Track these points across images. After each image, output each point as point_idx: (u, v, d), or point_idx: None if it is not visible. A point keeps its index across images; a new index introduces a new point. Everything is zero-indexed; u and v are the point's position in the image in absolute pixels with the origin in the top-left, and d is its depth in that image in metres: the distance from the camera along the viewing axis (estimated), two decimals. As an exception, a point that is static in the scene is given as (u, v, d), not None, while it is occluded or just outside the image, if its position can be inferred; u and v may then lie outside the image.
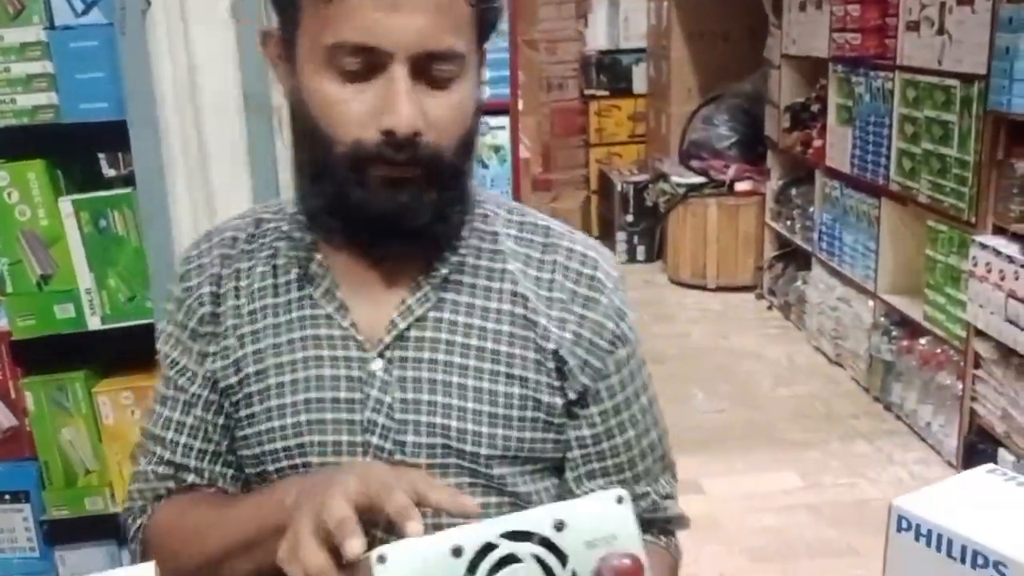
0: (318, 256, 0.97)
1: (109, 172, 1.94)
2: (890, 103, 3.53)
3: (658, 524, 1.03)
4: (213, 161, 1.89)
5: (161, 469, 1.02)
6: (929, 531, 0.63)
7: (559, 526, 0.63)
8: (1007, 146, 2.84)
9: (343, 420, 0.95)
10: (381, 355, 0.95)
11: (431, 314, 0.95)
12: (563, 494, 1.00)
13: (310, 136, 0.89)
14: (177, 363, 1.01)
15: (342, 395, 0.95)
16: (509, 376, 0.95)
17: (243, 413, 0.98)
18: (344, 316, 0.95)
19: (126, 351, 1.96)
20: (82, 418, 1.97)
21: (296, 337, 0.96)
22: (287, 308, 0.97)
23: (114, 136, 1.81)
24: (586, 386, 0.97)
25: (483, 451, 0.94)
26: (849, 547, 2.72)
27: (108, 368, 2.02)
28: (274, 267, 0.99)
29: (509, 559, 0.62)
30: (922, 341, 3.39)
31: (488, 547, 0.62)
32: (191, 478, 1.01)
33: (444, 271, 0.96)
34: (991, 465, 0.71)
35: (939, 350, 3.27)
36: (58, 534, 2.03)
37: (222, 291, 0.99)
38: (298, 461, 0.96)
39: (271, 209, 1.04)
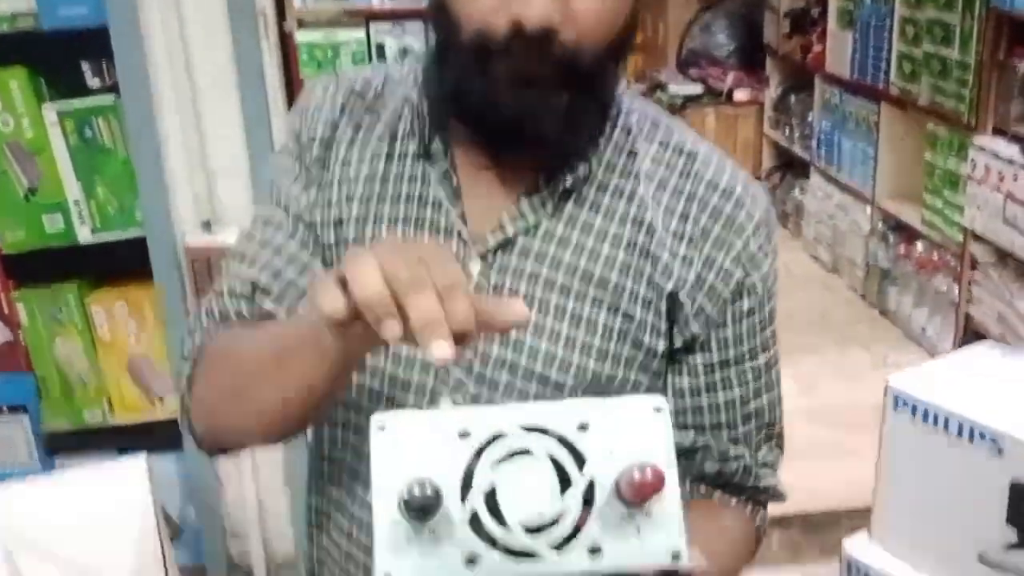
0: (443, 133, 0.87)
1: (93, 82, 1.90)
2: (891, 4, 3.45)
3: (748, 491, 0.92)
4: (199, 68, 1.85)
5: (239, 287, 0.91)
6: (926, 409, 0.63)
7: (583, 426, 0.56)
8: (1009, 47, 2.79)
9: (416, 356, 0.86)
10: (483, 257, 0.86)
11: (544, 225, 0.86)
12: None
13: (439, 13, 0.81)
14: (279, 188, 0.92)
15: None
16: (613, 308, 0.86)
17: None
18: (455, 206, 0.87)
19: (119, 264, 1.95)
20: (76, 330, 1.97)
21: (401, 215, 0.88)
22: (398, 180, 0.89)
23: (97, 44, 1.77)
24: (695, 334, 0.88)
25: (569, 381, 0.85)
26: (843, 448, 2.75)
27: (101, 282, 2.01)
28: (393, 134, 0.90)
29: (521, 452, 0.56)
30: (919, 246, 3.38)
31: (500, 436, 0.56)
32: (268, 303, 0.89)
33: (568, 182, 0.85)
34: (991, 341, 0.70)
35: (936, 255, 3.27)
36: (57, 446, 2.05)
37: (337, 138, 0.91)
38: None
39: (403, 71, 0.94)
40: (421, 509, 0.52)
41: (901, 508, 0.66)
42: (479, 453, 0.55)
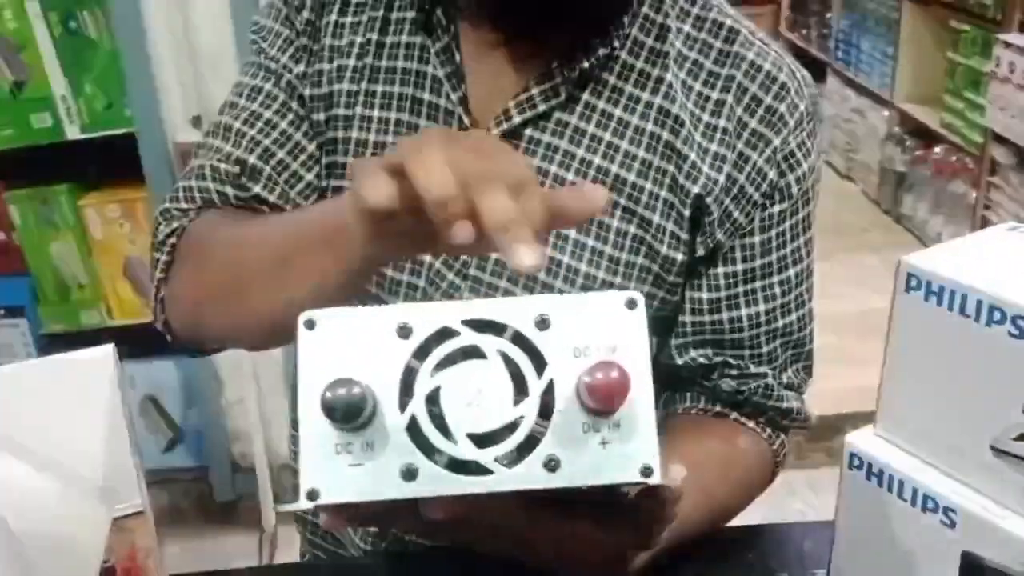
0: (445, 3, 0.78)
1: (78, -28, 1.82)
2: None
3: (768, 413, 0.83)
4: (186, -46, 1.77)
5: (224, 166, 0.80)
6: (941, 287, 0.58)
7: (542, 323, 0.48)
8: (1039, -64, 2.66)
9: (427, 264, 0.78)
10: None
11: (556, 114, 0.77)
12: (661, 359, 0.83)
13: None
14: (266, 54, 0.82)
15: None
16: (628, 212, 0.77)
17: (324, 162, 0.82)
18: (456, 87, 0.77)
19: (109, 164, 1.91)
20: (71, 232, 1.94)
21: (396, 92, 0.79)
22: (394, 52, 0.79)
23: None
24: (719, 242, 0.78)
25: (573, 292, 0.78)
26: (852, 355, 2.71)
27: (93, 183, 1.97)
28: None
29: (469, 352, 0.48)
30: (937, 150, 3.31)
31: (445, 332, 0.48)
32: (256, 188, 0.80)
33: (586, 64, 0.75)
34: (1013, 223, 0.65)
35: (954, 158, 3.19)
36: (56, 350, 2.02)
37: (327, 2, 0.81)
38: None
39: None
40: (346, 412, 0.45)
41: (910, 398, 0.62)
42: (421, 352, 0.48)
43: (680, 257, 0.78)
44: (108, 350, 0.73)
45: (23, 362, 0.76)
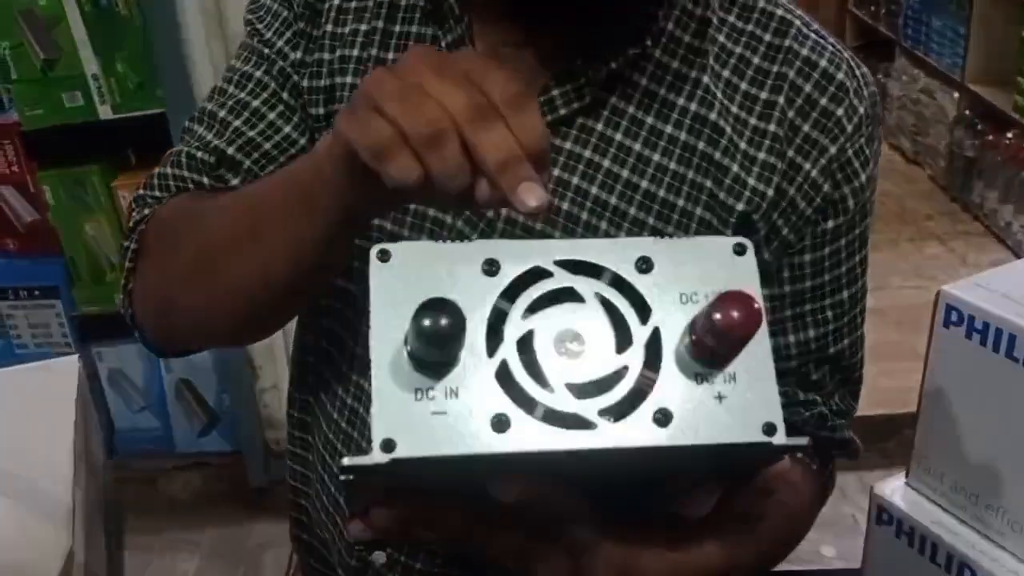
0: None
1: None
2: None
3: (818, 443, 0.75)
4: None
5: (201, 155, 0.74)
6: (985, 324, 0.50)
7: (644, 266, 0.44)
8: None
9: (429, 217, 0.71)
10: None
11: (579, 119, 0.68)
12: None
13: None
14: (261, 35, 0.75)
15: None
16: (657, 233, 0.68)
17: None
18: None
19: (142, 144, 1.89)
20: (103, 212, 1.92)
21: None
22: (401, 44, 0.72)
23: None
24: (766, 263, 0.70)
25: None
26: (912, 351, 2.60)
27: (126, 163, 1.94)
28: None
29: (563, 294, 0.43)
30: (1009, 135, 3.16)
31: (536, 273, 0.43)
32: (235, 181, 0.73)
33: (614, 64, 0.67)
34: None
35: (1028, 144, 3.04)
36: (91, 330, 2.02)
37: None
38: (368, 245, 0.74)
39: None
40: (436, 340, 0.40)
41: (948, 447, 0.54)
42: (510, 292, 0.43)
43: None
44: (72, 361, 0.69)
45: None
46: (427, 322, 0.39)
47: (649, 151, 0.68)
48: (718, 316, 0.40)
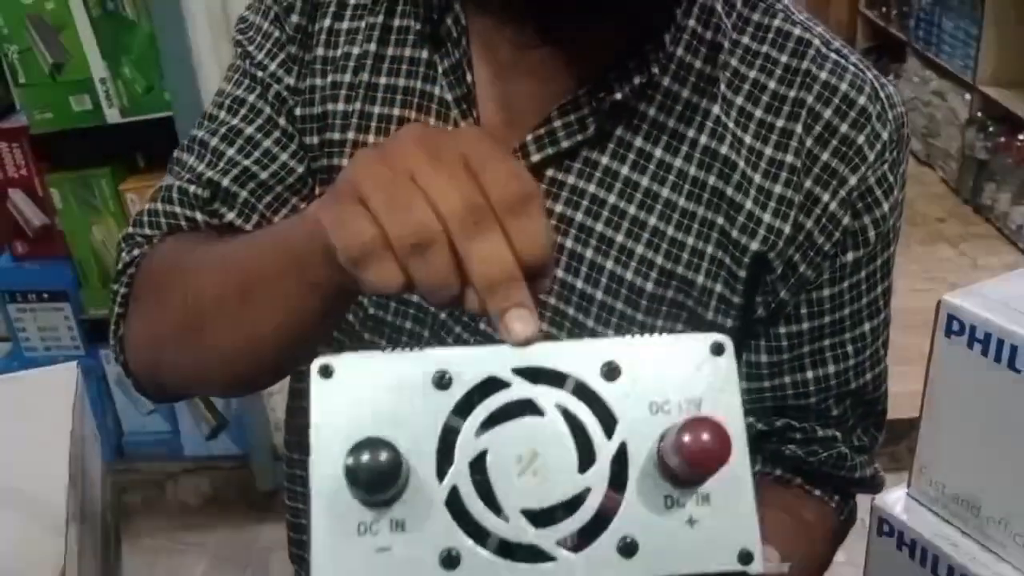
0: (456, 11, 0.66)
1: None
2: None
3: (836, 481, 0.72)
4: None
5: (193, 188, 0.70)
6: (987, 335, 0.49)
7: (610, 372, 0.39)
8: None
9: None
10: None
11: (584, 153, 0.65)
12: None
13: None
14: (252, 57, 0.71)
15: None
16: (665, 273, 0.65)
17: (317, 192, 0.72)
18: (466, 113, 0.66)
19: (149, 147, 1.89)
20: (111, 217, 1.92)
21: (395, 115, 0.68)
22: (394, 68, 0.68)
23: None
24: (783, 301, 0.67)
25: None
26: (922, 355, 2.58)
27: (134, 166, 1.95)
28: (391, 3, 0.69)
29: (522, 408, 0.39)
30: (1021, 137, 3.14)
31: (492, 383, 0.39)
32: (230, 215, 0.69)
33: (619, 94, 0.63)
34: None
35: (1040, 147, 3.01)
36: (99, 333, 2.03)
37: (320, 4, 0.70)
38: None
39: None
40: (374, 481, 0.36)
41: (950, 458, 0.53)
42: (463, 408, 0.39)
43: (730, 323, 0.66)
44: (71, 368, 0.69)
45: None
46: (361, 468, 0.36)
47: (657, 186, 0.65)
48: (687, 443, 0.37)
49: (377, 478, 0.36)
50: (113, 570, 0.71)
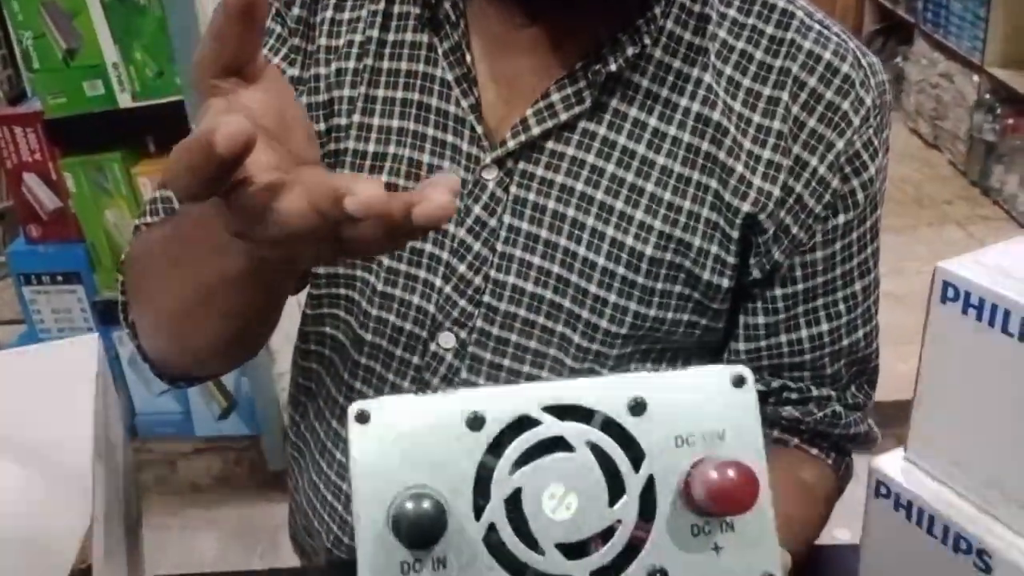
0: None
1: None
2: None
3: (833, 439, 0.76)
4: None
5: None
6: (981, 300, 0.51)
7: (637, 407, 0.42)
8: None
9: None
10: (500, 163, 0.69)
11: (581, 125, 0.68)
12: None
13: None
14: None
15: None
16: (664, 236, 0.68)
17: None
18: (467, 92, 0.69)
19: (160, 131, 1.91)
20: (123, 200, 1.94)
21: (399, 97, 0.71)
22: (396, 52, 0.71)
23: None
24: (777, 263, 0.70)
25: (603, 323, 0.69)
26: (929, 336, 2.60)
27: (145, 150, 1.97)
28: None
29: (552, 445, 0.41)
30: (1029, 119, 3.12)
31: (523, 422, 0.41)
32: None
33: (613, 65, 0.66)
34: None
35: (1048, 128, 3.01)
36: (111, 315, 2.05)
37: None
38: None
39: None
40: (418, 531, 0.39)
41: (946, 422, 0.55)
42: (496, 447, 0.41)
43: (725, 283, 0.69)
44: (93, 339, 0.71)
45: (6, 351, 0.74)
46: (405, 520, 0.39)
47: (653, 153, 0.68)
48: (714, 483, 0.39)
49: (422, 530, 0.39)
50: (136, 534, 0.73)
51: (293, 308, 0.91)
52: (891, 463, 0.57)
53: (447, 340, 0.72)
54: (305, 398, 0.83)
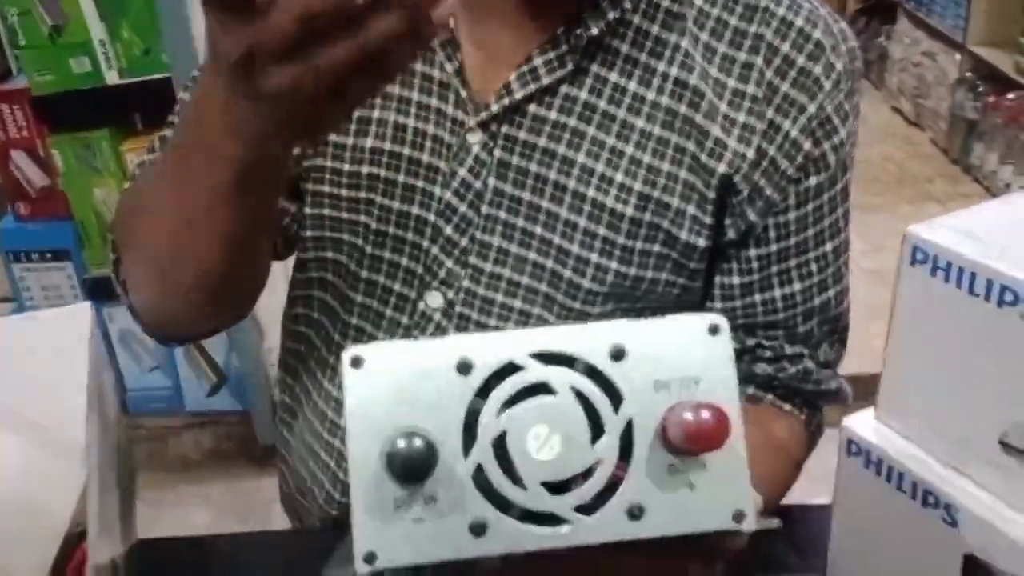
0: None
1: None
2: None
3: (805, 395, 0.78)
4: None
5: (170, 133, 0.76)
6: (948, 263, 0.53)
7: (617, 353, 0.44)
8: None
9: (417, 190, 0.73)
10: (484, 127, 0.71)
11: (563, 89, 0.70)
12: None
13: None
14: None
15: (424, 158, 0.72)
16: (644, 198, 0.70)
17: None
18: (451, 57, 0.71)
19: (147, 108, 1.90)
20: (112, 177, 1.94)
21: None
22: None
23: None
24: (752, 223, 0.72)
25: (585, 283, 0.72)
26: (910, 311, 2.63)
27: (133, 127, 1.97)
28: None
29: (537, 389, 0.43)
30: (1010, 96, 3.15)
31: (509, 368, 0.43)
32: None
33: (595, 30, 0.68)
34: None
35: (1028, 106, 3.03)
36: (101, 292, 2.05)
37: None
38: (360, 218, 0.75)
39: None
40: (410, 468, 0.41)
41: (914, 382, 0.57)
42: (484, 391, 0.43)
43: (702, 243, 0.72)
44: (85, 307, 0.72)
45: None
46: (398, 457, 0.41)
47: (633, 117, 0.70)
48: (689, 423, 0.41)
49: (414, 465, 0.41)
50: (130, 500, 0.74)
51: (280, 281, 0.93)
52: (862, 422, 0.60)
53: (435, 300, 0.74)
54: (296, 361, 0.85)
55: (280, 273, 1.18)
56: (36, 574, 0.57)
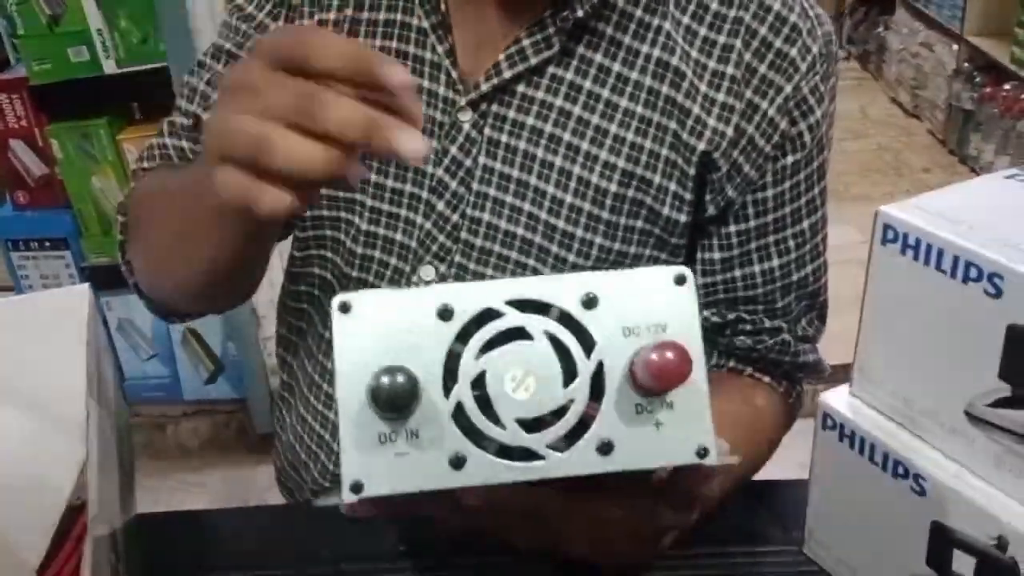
0: None
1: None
2: None
3: (784, 367, 0.81)
4: None
5: (179, 119, 0.80)
6: (917, 241, 0.54)
7: (589, 301, 0.47)
8: None
9: (410, 168, 0.76)
10: (474, 106, 0.74)
11: (550, 69, 0.73)
12: None
13: None
14: (242, 10, 0.79)
15: None
16: (627, 175, 0.73)
17: None
18: (442, 39, 0.73)
19: (145, 97, 1.92)
20: (110, 166, 1.96)
21: (378, 46, 0.75)
22: (375, 3, 0.76)
23: None
24: (731, 200, 0.75)
25: (571, 257, 0.75)
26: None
27: (131, 117, 1.98)
28: None
29: (514, 334, 0.46)
30: (1007, 87, 3.16)
31: (488, 314, 0.46)
32: None
33: (580, 12, 0.71)
34: (1014, 169, 0.60)
35: (1024, 96, 3.04)
36: (100, 280, 2.06)
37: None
38: (356, 196, 0.78)
39: None
40: (394, 401, 0.44)
41: (886, 358, 0.58)
42: (464, 335, 0.46)
43: (683, 219, 0.75)
44: (84, 289, 0.73)
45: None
46: (383, 390, 0.44)
47: (617, 97, 0.73)
48: (656, 363, 0.44)
49: (397, 398, 0.44)
50: (129, 476, 0.76)
51: (277, 272, 0.95)
52: (837, 397, 0.61)
53: (428, 273, 0.77)
54: (295, 337, 0.88)
55: (277, 264, 1.20)
56: (37, 545, 0.58)
